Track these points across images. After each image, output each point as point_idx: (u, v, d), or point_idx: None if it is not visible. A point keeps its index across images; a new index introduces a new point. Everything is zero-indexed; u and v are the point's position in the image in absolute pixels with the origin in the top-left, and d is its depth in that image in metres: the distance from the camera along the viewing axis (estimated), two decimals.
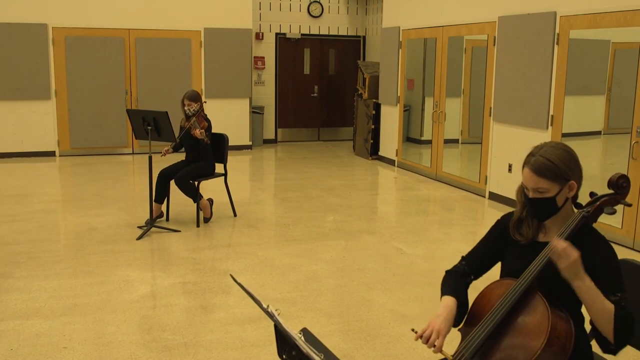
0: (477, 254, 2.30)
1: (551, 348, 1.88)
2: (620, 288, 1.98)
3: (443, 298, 2.18)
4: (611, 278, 1.99)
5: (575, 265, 1.92)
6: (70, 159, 9.80)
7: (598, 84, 6.18)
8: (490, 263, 2.29)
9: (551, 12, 6.29)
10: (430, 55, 8.72)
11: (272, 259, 5.11)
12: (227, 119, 10.47)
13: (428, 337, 2.03)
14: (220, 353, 3.48)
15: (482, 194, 7.60)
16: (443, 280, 2.27)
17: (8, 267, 4.81)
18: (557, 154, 2.04)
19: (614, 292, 1.96)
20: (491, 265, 2.30)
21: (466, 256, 2.32)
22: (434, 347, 2.01)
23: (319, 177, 8.69)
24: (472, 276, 2.28)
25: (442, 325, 2.05)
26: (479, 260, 2.28)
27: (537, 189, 2.05)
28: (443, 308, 2.12)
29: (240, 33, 10.52)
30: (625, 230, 5.57)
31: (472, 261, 2.29)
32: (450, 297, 2.15)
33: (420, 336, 2.05)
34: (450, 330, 2.08)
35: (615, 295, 1.96)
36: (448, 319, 2.08)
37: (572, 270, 1.93)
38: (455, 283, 2.23)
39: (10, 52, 9.46)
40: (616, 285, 1.98)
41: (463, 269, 2.28)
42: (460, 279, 2.25)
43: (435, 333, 2.03)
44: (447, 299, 2.15)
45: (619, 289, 1.98)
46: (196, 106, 5.92)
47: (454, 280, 2.24)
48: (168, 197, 6.14)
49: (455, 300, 2.14)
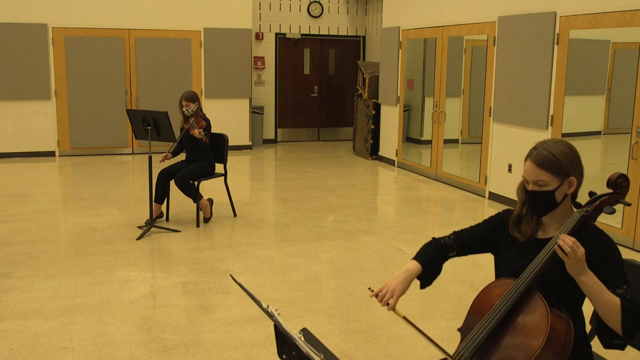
0: (469, 234, 2.32)
1: (551, 348, 1.89)
2: (625, 280, 1.99)
3: (411, 260, 2.25)
4: (615, 271, 2.00)
5: (581, 261, 1.93)
6: (70, 159, 9.81)
7: (598, 84, 6.18)
8: (477, 246, 2.30)
9: (551, 12, 6.30)
10: (430, 55, 8.72)
11: (272, 259, 5.11)
12: (227, 119, 10.48)
13: (383, 296, 2.12)
14: (220, 353, 3.48)
15: (482, 194, 7.60)
16: (423, 245, 2.32)
17: (8, 267, 4.81)
18: (559, 149, 2.06)
19: (619, 285, 1.97)
20: (477, 249, 2.30)
21: (457, 232, 2.34)
22: (388, 305, 2.11)
23: (319, 177, 8.69)
24: (455, 252, 2.30)
25: (398, 286, 2.13)
26: (467, 239, 2.30)
27: (537, 181, 2.06)
28: (403, 270, 2.20)
29: (240, 33, 10.53)
30: (625, 230, 5.57)
31: (461, 238, 2.31)
32: (416, 262, 2.23)
33: (376, 295, 2.14)
34: (405, 292, 2.15)
35: (621, 288, 1.96)
36: (405, 280, 2.16)
37: (578, 266, 1.94)
38: (431, 252, 2.27)
39: (10, 52, 9.46)
40: (620, 278, 1.99)
41: (449, 242, 2.30)
42: (439, 250, 2.28)
43: (390, 292, 2.12)
44: (412, 263, 2.24)
45: (623, 281, 1.98)
46: (194, 106, 5.92)
47: (431, 249, 2.29)
48: (168, 197, 6.14)
49: (419, 267, 2.22)
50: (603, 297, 1.94)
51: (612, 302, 1.94)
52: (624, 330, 1.94)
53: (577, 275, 1.95)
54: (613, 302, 1.94)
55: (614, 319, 1.94)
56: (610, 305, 1.93)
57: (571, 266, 1.94)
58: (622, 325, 1.93)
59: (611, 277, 1.99)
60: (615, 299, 1.94)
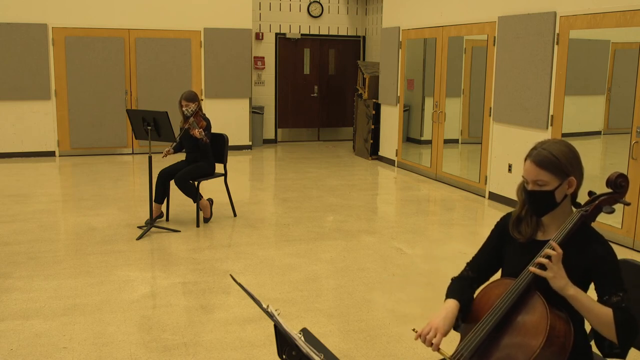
0: (480, 259, 2.30)
1: (550, 347, 1.88)
2: (621, 287, 1.98)
3: (445, 301, 2.19)
4: (611, 278, 1.99)
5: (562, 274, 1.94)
6: (70, 159, 9.81)
7: (598, 84, 6.18)
8: (494, 266, 2.29)
9: (551, 12, 6.30)
10: (430, 55, 8.72)
11: (272, 259, 5.11)
12: (227, 119, 10.47)
13: (426, 335, 2.05)
14: (220, 353, 3.48)
15: (482, 194, 7.60)
16: (448, 287, 2.28)
17: (8, 267, 4.81)
18: (559, 149, 2.06)
19: (615, 293, 1.96)
20: (496, 268, 2.29)
21: (470, 262, 2.33)
22: (432, 345, 2.04)
23: (319, 177, 8.69)
24: (477, 281, 2.28)
25: (441, 324, 2.07)
26: (482, 265, 2.28)
27: (536, 181, 2.06)
28: (443, 309, 2.14)
29: (240, 33, 10.53)
30: (625, 230, 5.57)
31: (476, 266, 2.29)
32: (452, 299, 2.17)
33: (420, 335, 2.07)
34: (449, 331, 2.09)
35: (616, 296, 1.95)
36: (447, 318, 2.10)
37: (562, 280, 1.95)
38: (459, 287, 2.23)
39: (10, 52, 9.46)
40: (617, 285, 1.98)
41: (468, 275, 2.28)
42: (464, 283, 2.25)
43: (433, 331, 2.05)
44: (449, 301, 2.17)
45: (619, 289, 1.97)
46: (194, 106, 5.92)
47: (457, 284, 2.25)
48: (168, 197, 6.14)
49: (457, 303, 2.15)
50: (594, 311, 1.93)
51: (604, 314, 1.93)
52: (619, 341, 1.93)
53: (563, 289, 1.95)
54: (605, 314, 1.93)
55: (607, 331, 1.94)
56: (602, 318, 1.93)
57: (553, 280, 1.95)
58: (617, 336, 1.93)
59: (607, 284, 1.98)
60: (607, 311, 1.93)
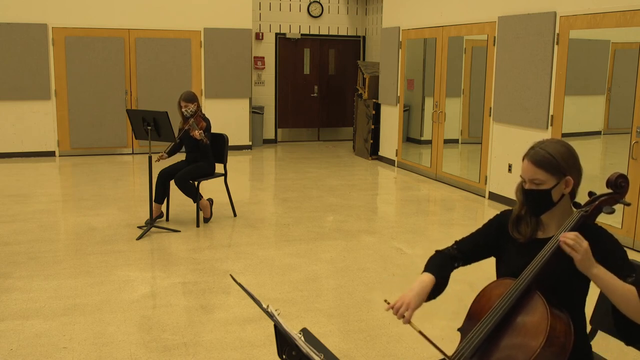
0: (470, 242, 2.31)
1: (550, 348, 1.88)
2: (632, 269, 1.99)
3: (422, 274, 2.23)
4: (620, 262, 2.00)
5: (588, 254, 1.93)
6: (70, 159, 9.81)
7: (598, 84, 6.18)
8: (481, 253, 2.30)
9: (551, 12, 6.30)
10: (430, 55, 8.72)
11: (272, 259, 5.11)
12: (227, 119, 10.47)
13: (398, 309, 2.11)
14: (220, 353, 3.48)
15: (482, 194, 7.60)
16: (429, 258, 2.31)
17: (8, 267, 4.81)
18: (556, 149, 2.07)
19: (628, 274, 1.97)
20: (482, 256, 2.30)
21: (459, 241, 2.34)
22: (403, 319, 2.10)
23: (319, 177, 8.69)
24: (461, 262, 2.30)
25: (413, 299, 2.13)
26: (470, 248, 2.30)
27: (533, 180, 2.06)
28: (417, 283, 2.18)
29: (240, 33, 10.53)
30: (625, 230, 5.57)
31: (464, 247, 2.31)
32: (428, 273, 2.21)
33: (392, 307, 2.13)
34: (420, 305, 2.15)
35: (630, 277, 1.96)
36: (420, 294, 2.15)
37: (587, 260, 1.93)
38: (439, 262, 2.26)
39: (10, 52, 9.46)
40: (627, 267, 1.99)
41: (453, 252, 2.30)
42: (446, 259, 2.28)
43: (405, 305, 2.11)
44: (425, 275, 2.21)
45: (631, 270, 1.98)
46: (193, 107, 5.92)
47: (439, 259, 2.28)
48: (168, 197, 6.14)
49: (432, 278, 2.20)
50: (618, 288, 1.93)
51: (628, 290, 1.93)
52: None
53: (588, 269, 1.94)
54: (629, 291, 1.93)
55: (634, 308, 1.92)
56: (626, 294, 1.92)
57: (581, 261, 1.93)
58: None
59: (618, 268, 1.98)
60: (630, 287, 1.93)
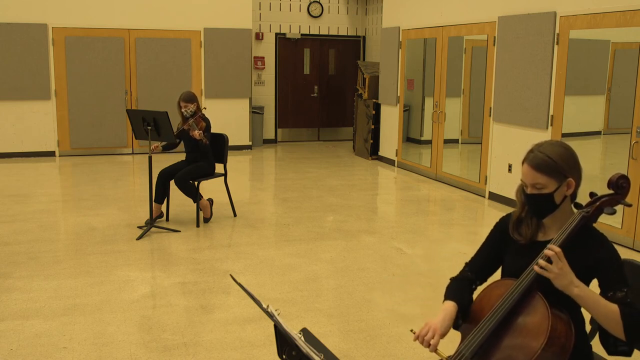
0: (479, 259, 2.30)
1: (551, 348, 1.88)
2: (625, 283, 1.98)
3: (444, 302, 2.20)
4: (614, 275, 1.99)
5: (565, 273, 1.93)
6: (70, 159, 9.80)
7: (598, 84, 6.18)
8: (493, 266, 2.29)
9: (551, 12, 6.30)
10: (430, 55, 8.72)
11: (272, 259, 5.11)
12: (227, 119, 10.47)
13: (424, 336, 2.06)
14: (220, 353, 3.48)
15: (482, 194, 7.60)
16: (446, 287, 2.28)
17: (8, 267, 4.81)
18: (555, 151, 2.05)
19: (619, 288, 1.96)
20: (495, 269, 2.30)
21: (469, 262, 2.33)
22: (430, 346, 2.04)
23: (319, 177, 8.69)
24: (478, 281, 2.29)
25: (439, 326, 2.08)
26: (481, 265, 2.29)
27: (534, 184, 2.06)
28: (442, 311, 2.15)
29: (240, 33, 10.52)
30: (625, 230, 5.57)
31: (475, 267, 2.30)
32: (450, 301, 2.18)
33: (418, 336, 2.08)
34: (447, 332, 2.10)
35: (620, 292, 1.95)
36: (445, 320, 2.11)
37: (565, 279, 1.93)
38: (457, 288, 2.23)
39: (10, 52, 9.46)
40: (620, 281, 1.98)
41: (467, 276, 2.28)
42: (463, 283, 2.26)
43: (431, 332, 2.06)
44: (447, 303, 2.17)
45: (623, 284, 1.97)
46: (193, 107, 5.92)
47: (456, 285, 2.26)
48: (168, 197, 6.14)
49: (455, 305, 2.16)
50: (600, 308, 1.93)
51: (610, 311, 1.92)
52: (627, 336, 1.92)
53: (567, 288, 1.94)
54: (611, 311, 1.92)
55: (615, 327, 1.93)
56: (609, 314, 1.92)
57: (556, 280, 1.94)
58: (624, 332, 1.92)
59: (611, 280, 1.98)
60: (613, 308, 1.92)
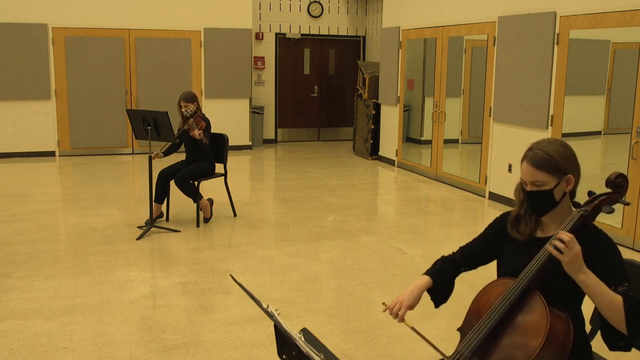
0: (473, 247, 2.36)
1: (550, 347, 1.89)
2: (626, 278, 1.98)
3: (420, 276, 2.30)
4: (615, 270, 1.99)
5: (577, 258, 1.92)
6: (70, 159, 9.81)
7: (598, 84, 6.18)
8: (484, 257, 2.33)
9: (551, 12, 6.30)
10: (430, 55, 8.72)
11: (272, 259, 5.11)
12: (227, 119, 10.47)
13: (392, 308, 2.19)
14: (220, 353, 3.48)
15: (482, 194, 7.60)
16: (433, 263, 2.37)
17: (8, 267, 4.81)
18: (554, 148, 2.08)
19: (620, 283, 1.96)
20: (485, 260, 2.33)
21: (462, 247, 2.39)
22: (397, 317, 2.18)
23: (319, 177, 8.69)
24: (466, 267, 2.35)
25: (406, 298, 2.21)
26: (473, 252, 2.34)
27: (534, 182, 2.07)
28: (413, 284, 2.26)
29: (240, 33, 10.53)
30: (625, 230, 5.57)
31: (467, 252, 2.35)
32: (426, 276, 2.29)
33: (388, 308, 2.21)
34: (415, 305, 2.23)
35: (622, 286, 1.95)
36: (414, 293, 2.23)
37: (575, 264, 1.93)
38: (440, 267, 2.33)
39: (10, 52, 9.46)
40: (621, 276, 1.98)
41: (455, 258, 2.35)
42: (448, 265, 2.33)
43: (398, 304, 2.19)
44: (422, 278, 2.30)
45: (624, 279, 1.97)
46: (193, 107, 5.92)
47: (441, 264, 2.34)
48: (168, 197, 6.14)
49: (429, 280, 2.27)
50: (605, 297, 1.93)
51: (614, 300, 1.92)
52: (628, 328, 1.92)
53: (576, 274, 1.94)
54: (615, 301, 1.92)
55: (617, 318, 1.93)
56: (612, 304, 1.92)
57: (568, 264, 1.94)
58: (626, 324, 1.92)
59: (611, 275, 1.98)
60: (617, 298, 1.93)
